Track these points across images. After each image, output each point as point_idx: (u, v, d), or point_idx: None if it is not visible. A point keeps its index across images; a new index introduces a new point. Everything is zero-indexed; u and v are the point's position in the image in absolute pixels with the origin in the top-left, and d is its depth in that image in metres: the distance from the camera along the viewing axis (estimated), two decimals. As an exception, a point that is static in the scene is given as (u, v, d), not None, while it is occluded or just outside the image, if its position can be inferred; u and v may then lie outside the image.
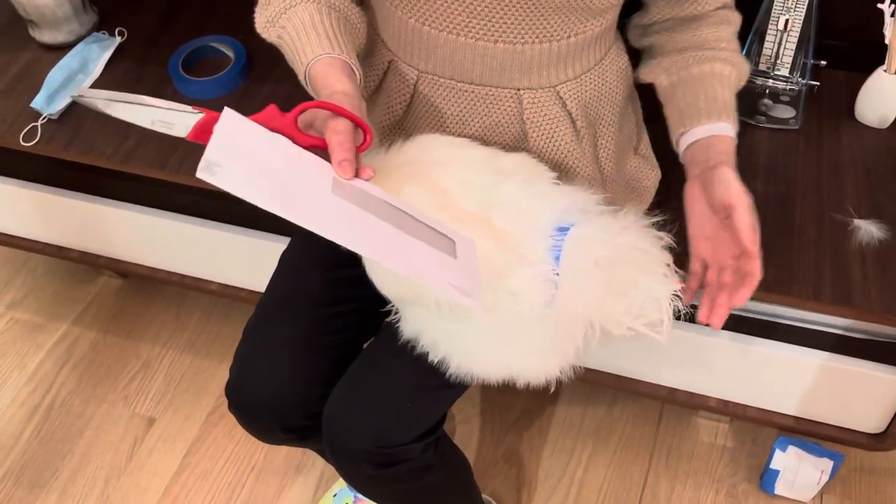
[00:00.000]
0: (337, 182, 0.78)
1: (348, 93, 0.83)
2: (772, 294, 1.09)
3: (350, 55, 0.88)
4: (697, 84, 0.98)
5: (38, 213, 1.58)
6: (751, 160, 1.24)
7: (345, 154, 0.77)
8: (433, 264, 0.77)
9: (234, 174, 0.70)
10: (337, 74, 0.85)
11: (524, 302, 0.86)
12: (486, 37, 0.91)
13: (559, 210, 0.89)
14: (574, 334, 0.88)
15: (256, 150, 0.75)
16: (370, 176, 0.80)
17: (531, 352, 0.91)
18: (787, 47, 1.28)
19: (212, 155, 0.70)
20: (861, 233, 1.14)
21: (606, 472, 1.48)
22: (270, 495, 1.48)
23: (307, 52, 0.87)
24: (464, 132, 1.00)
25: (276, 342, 1.03)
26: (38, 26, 1.46)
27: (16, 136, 1.33)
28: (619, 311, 0.85)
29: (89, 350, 1.71)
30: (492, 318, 0.87)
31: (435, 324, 0.91)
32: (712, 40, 1.00)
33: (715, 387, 1.34)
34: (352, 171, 0.78)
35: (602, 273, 0.85)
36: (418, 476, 1.02)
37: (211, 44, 1.44)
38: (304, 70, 0.88)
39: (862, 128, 1.28)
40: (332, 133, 0.78)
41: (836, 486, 1.44)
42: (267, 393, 1.02)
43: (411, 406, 0.98)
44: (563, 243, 0.86)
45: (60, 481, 1.51)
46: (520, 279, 0.85)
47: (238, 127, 0.76)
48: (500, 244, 0.85)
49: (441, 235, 0.81)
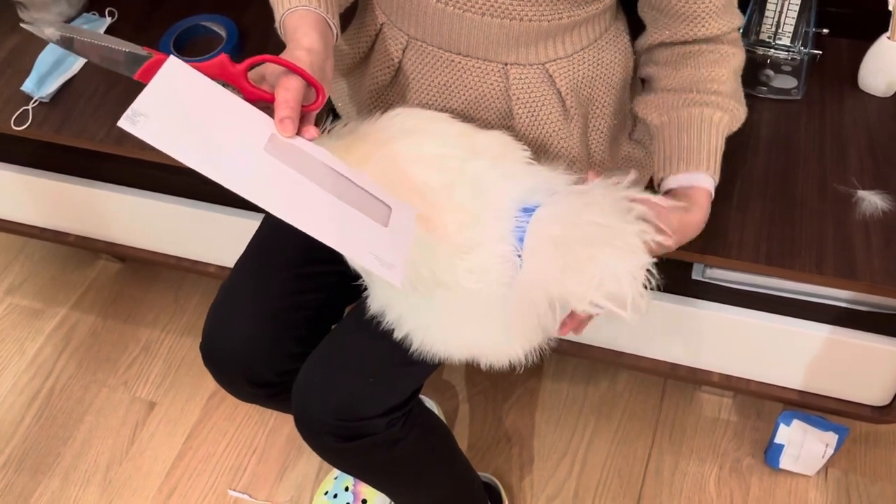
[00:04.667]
0: (275, 140, 0.76)
1: (312, 49, 0.82)
2: (774, 267, 1.07)
3: (328, 9, 0.87)
4: (685, 129, 0.95)
5: (33, 197, 1.57)
6: (752, 132, 1.22)
7: (288, 111, 0.76)
8: (359, 233, 0.74)
9: (159, 126, 0.68)
10: (306, 29, 0.84)
11: (483, 281, 0.85)
12: (474, 9, 0.90)
13: (525, 190, 0.87)
14: (535, 315, 0.86)
15: (193, 101, 0.73)
16: (313, 136, 0.79)
17: (492, 332, 0.90)
18: (789, 16, 1.26)
19: (140, 105, 0.68)
20: (865, 204, 1.12)
21: (609, 449, 1.48)
22: (273, 477, 1.47)
23: (285, 2, 0.86)
24: (449, 103, 0.98)
25: (248, 296, 1.04)
26: (26, 8, 1.44)
27: (7, 121, 1.32)
28: (579, 289, 0.83)
29: (88, 335, 1.71)
30: (452, 296, 0.87)
31: (399, 300, 0.91)
32: (708, 81, 0.97)
33: (718, 361, 1.33)
34: (293, 130, 0.77)
35: (560, 251, 0.83)
36: (386, 450, 1.02)
37: (202, 23, 1.42)
38: (280, 19, 0.87)
39: (865, 97, 1.26)
40: (281, 89, 0.77)
41: (840, 459, 1.43)
42: (235, 343, 1.03)
43: (375, 381, 0.98)
44: (528, 224, 0.85)
45: (62, 467, 1.51)
46: (478, 258, 0.84)
47: (179, 75, 0.74)
48: (460, 221, 0.84)
49: (378, 202, 0.79)
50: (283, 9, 0.86)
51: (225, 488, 1.47)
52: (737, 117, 0.98)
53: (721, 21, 0.96)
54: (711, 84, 0.97)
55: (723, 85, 0.97)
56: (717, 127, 0.95)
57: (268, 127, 0.77)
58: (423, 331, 0.91)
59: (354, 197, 0.77)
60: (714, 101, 0.96)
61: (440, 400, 1.54)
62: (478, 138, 0.92)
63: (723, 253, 1.09)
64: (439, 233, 0.83)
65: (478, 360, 0.93)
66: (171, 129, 0.69)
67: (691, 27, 0.96)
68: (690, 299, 1.25)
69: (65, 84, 1.37)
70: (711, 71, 0.97)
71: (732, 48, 0.99)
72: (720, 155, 0.95)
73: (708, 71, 0.97)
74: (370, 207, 0.78)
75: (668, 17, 0.97)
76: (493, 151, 0.91)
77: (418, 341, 0.92)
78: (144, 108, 0.68)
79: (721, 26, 0.96)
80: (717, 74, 0.97)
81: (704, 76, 0.97)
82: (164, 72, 0.73)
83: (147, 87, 0.71)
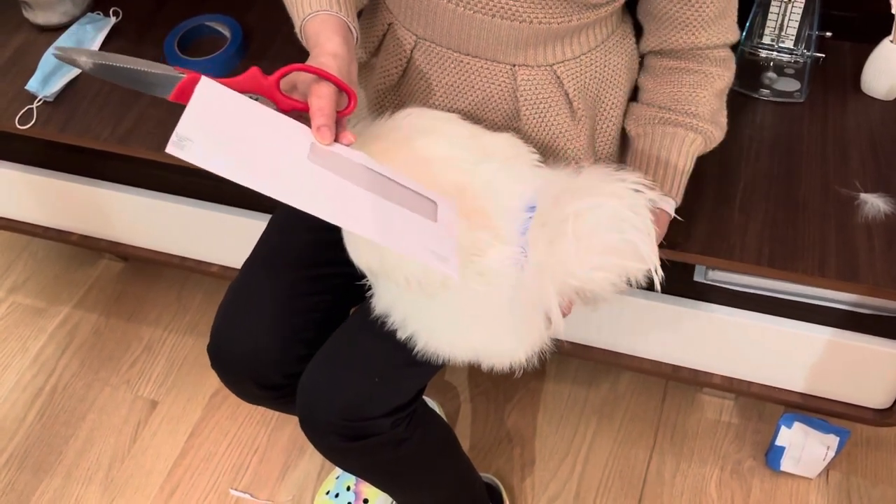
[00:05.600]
0: (315, 148, 0.76)
1: (338, 54, 0.81)
2: (776, 269, 1.08)
3: (348, 13, 0.87)
4: (657, 146, 0.97)
5: (37, 196, 1.57)
6: (755, 134, 1.23)
7: (324, 119, 0.76)
8: (412, 231, 0.75)
9: (204, 148, 0.69)
10: (329, 34, 0.83)
11: (492, 283, 0.85)
12: (484, 10, 0.90)
13: (534, 192, 0.88)
14: (541, 314, 0.87)
15: (231, 118, 0.74)
16: (350, 141, 0.79)
17: (498, 334, 0.90)
18: (792, 19, 1.26)
19: (183, 129, 0.69)
20: (867, 206, 1.12)
21: (611, 450, 1.48)
22: (274, 477, 1.48)
23: (304, 7, 0.86)
24: (456, 103, 0.99)
25: (257, 298, 1.04)
26: (31, 7, 1.44)
27: (11, 120, 1.32)
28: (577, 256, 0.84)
29: (91, 334, 1.71)
30: (459, 297, 0.87)
31: (404, 301, 0.91)
32: (686, 102, 0.98)
33: (719, 363, 1.33)
34: (331, 137, 0.77)
35: (550, 228, 0.84)
36: (390, 450, 1.02)
37: (207, 23, 1.43)
38: (300, 25, 0.86)
39: (868, 100, 1.27)
40: (314, 97, 0.77)
41: (842, 462, 1.43)
42: (245, 347, 1.03)
43: (380, 381, 0.98)
44: (531, 222, 0.86)
45: (64, 465, 1.51)
46: (488, 260, 0.85)
47: (214, 95, 0.75)
48: (472, 224, 0.85)
49: (423, 198, 0.80)
50: (304, 14, 0.86)
51: (226, 487, 1.47)
52: (711, 139, 0.99)
53: (711, 31, 0.96)
54: (689, 105, 0.98)
55: (701, 107, 0.98)
56: (687, 148, 0.97)
57: (306, 136, 0.77)
58: (428, 332, 0.92)
59: (400, 196, 0.78)
60: (689, 123, 0.98)
61: (442, 400, 1.55)
62: (487, 140, 0.92)
63: (725, 255, 1.09)
64: None
65: (481, 362, 0.93)
66: (216, 150, 0.70)
67: (681, 34, 0.96)
68: (692, 301, 1.25)
69: (69, 83, 1.37)
70: (692, 92, 0.98)
71: (719, 69, 0.99)
72: (686, 177, 0.98)
73: (689, 91, 0.98)
74: (417, 205, 0.79)
75: (659, 23, 0.97)
76: (504, 154, 0.91)
77: (423, 342, 0.92)
78: (187, 132, 0.69)
79: (710, 37, 0.96)
80: (698, 96, 0.98)
81: (685, 96, 0.99)
82: (200, 93, 0.74)
83: (186, 109, 0.71)
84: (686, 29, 0.96)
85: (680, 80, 0.99)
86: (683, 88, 0.99)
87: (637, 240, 0.84)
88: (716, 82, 0.99)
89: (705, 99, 0.98)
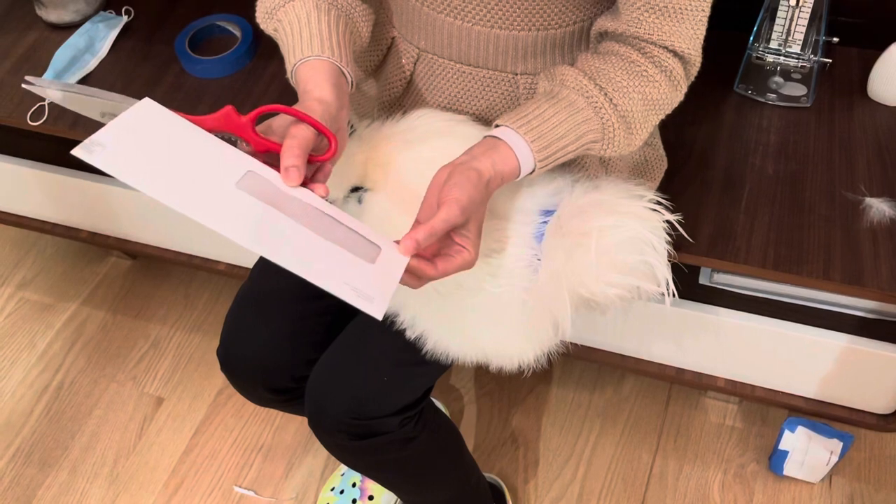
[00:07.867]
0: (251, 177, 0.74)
1: (323, 100, 0.80)
2: (781, 273, 1.08)
3: (342, 57, 0.85)
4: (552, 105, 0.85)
5: (46, 193, 1.58)
6: (761, 138, 1.23)
7: (293, 160, 0.74)
8: (336, 266, 0.73)
9: (115, 156, 0.67)
10: (318, 80, 0.82)
11: (504, 285, 0.85)
12: (483, 22, 0.91)
13: (546, 194, 0.89)
14: (552, 317, 0.87)
15: (160, 136, 0.72)
16: (322, 195, 0.76)
17: (507, 336, 0.91)
18: (799, 24, 1.26)
19: (100, 136, 0.68)
20: (873, 211, 1.13)
21: (614, 453, 1.48)
22: (279, 474, 1.48)
23: (296, 52, 0.84)
24: (460, 113, 0.99)
25: (267, 302, 1.04)
26: (44, 5, 1.46)
27: (23, 116, 1.34)
28: (592, 272, 0.85)
29: (98, 330, 1.72)
30: (472, 299, 0.87)
31: (415, 301, 0.91)
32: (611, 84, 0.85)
33: (723, 367, 1.34)
34: (298, 179, 0.74)
35: (571, 241, 0.84)
36: (398, 449, 1.02)
37: (218, 22, 1.44)
38: (291, 70, 0.85)
39: (875, 105, 1.27)
40: (288, 137, 0.75)
41: (845, 467, 1.43)
42: (255, 352, 1.03)
43: (389, 380, 0.99)
44: (546, 226, 0.86)
45: (70, 460, 1.52)
46: (501, 262, 0.85)
47: (152, 114, 0.73)
48: (486, 225, 0.84)
49: (366, 242, 0.77)
50: (295, 59, 0.84)
51: (230, 485, 1.47)
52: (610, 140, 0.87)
53: (659, 25, 0.85)
54: (613, 91, 0.86)
55: (623, 98, 0.86)
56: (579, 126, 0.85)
57: (245, 166, 0.74)
58: (438, 332, 0.92)
59: (338, 236, 0.76)
60: (601, 105, 0.85)
61: (447, 401, 1.55)
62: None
63: (730, 258, 1.10)
64: None
65: (490, 362, 0.93)
66: (129, 160, 0.68)
67: (631, 15, 0.85)
68: (697, 304, 1.25)
69: (80, 81, 1.38)
70: (622, 78, 0.86)
71: (662, 76, 0.87)
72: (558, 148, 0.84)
73: (617, 75, 0.86)
74: (355, 245, 0.76)
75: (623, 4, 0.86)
76: None
77: (433, 342, 0.92)
78: (104, 140, 0.68)
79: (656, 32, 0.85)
80: (625, 84, 0.86)
81: (611, 77, 0.86)
82: (135, 109, 0.72)
83: (112, 121, 0.70)
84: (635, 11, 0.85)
85: (614, 64, 0.87)
86: (615, 72, 0.87)
87: (655, 262, 0.85)
88: (650, 86, 0.87)
89: (632, 92, 0.86)
